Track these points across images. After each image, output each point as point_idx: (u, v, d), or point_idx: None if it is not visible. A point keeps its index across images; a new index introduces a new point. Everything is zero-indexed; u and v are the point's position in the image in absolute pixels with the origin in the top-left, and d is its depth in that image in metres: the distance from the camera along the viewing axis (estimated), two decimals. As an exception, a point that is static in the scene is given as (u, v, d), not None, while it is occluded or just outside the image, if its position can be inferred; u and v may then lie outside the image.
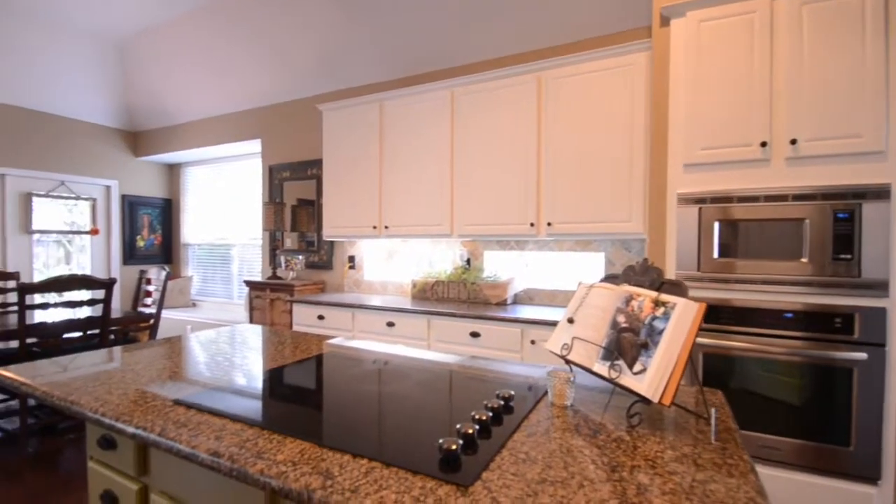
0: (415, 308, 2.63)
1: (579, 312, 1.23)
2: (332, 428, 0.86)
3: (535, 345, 2.36)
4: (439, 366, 1.34)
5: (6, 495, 2.17)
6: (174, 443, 0.80)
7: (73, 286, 2.70)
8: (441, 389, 1.12)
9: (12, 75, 3.83)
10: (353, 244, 3.57)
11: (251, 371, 1.26)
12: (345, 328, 2.87)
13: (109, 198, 4.77)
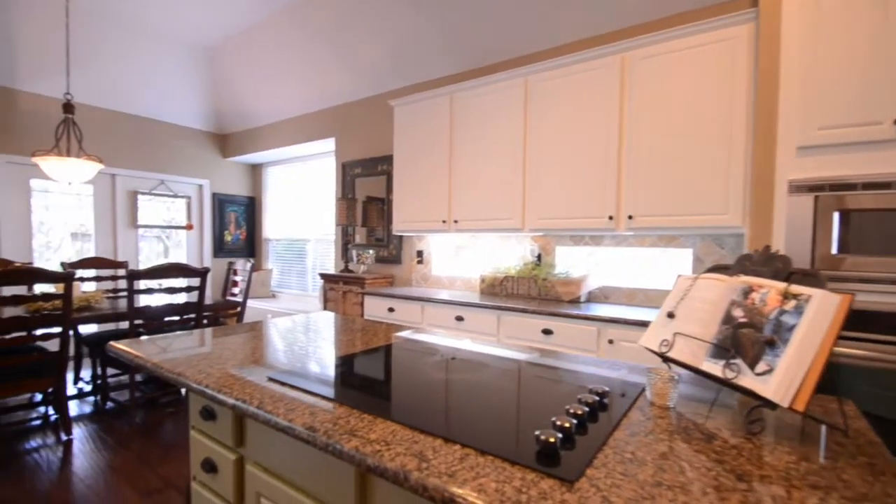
0: (484, 303, 2.59)
1: (682, 306, 1.12)
2: (421, 412, 0.84)
3: (613, 344, 2.22)
4: (517, 361, 1.29)
5: (119, 459, 2.44)
6: (272, 415, 0.82)
7: (172, 273, 2.98)
8: (525, 383, 1.07)
9: (122, 85, 4.32)
10: (421, 239, 3.61)
11: (335, 354, 1.29)
12: (414, 321, 2.90)
13: (202, 196, 5.24)
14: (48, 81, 3.94)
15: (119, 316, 2.87)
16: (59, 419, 2.80)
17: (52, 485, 2.16)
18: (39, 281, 2.45)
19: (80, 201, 4.40)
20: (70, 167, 2.92)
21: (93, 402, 3.25)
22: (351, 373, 1.11)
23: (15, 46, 3.65)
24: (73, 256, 4.35)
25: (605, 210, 2.47)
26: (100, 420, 2.94)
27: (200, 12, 3.84)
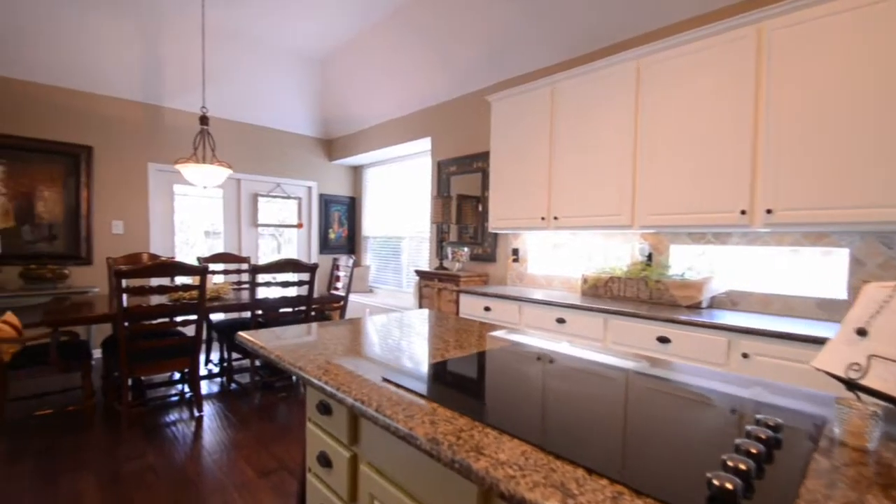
0: (589, 305, 2.40)
1: (878, 322, 0.87)
2: (552, 433, 0.74)
3: (747, 359, 1.91)
4: (647, 375, 1.12)
5: (240, 437, 2.69)
6: (391, 421, 0.79)
7: (286, 269, 3.23)
8: (665, 402, 0.91)
9: (246, 98, 4.82)
10: (517, 237, 3.49)
11: (444, 356, 1.24)
12: (511, 321, 2.79)
13: (311, 197, 5.67)
14: (187, 98, 4.54)
15: (242, 306, 3.19)
16: (192, 397, 3.20)
17: (186, 456, 2.45)
18: (180, 274, 2.80)
19: (212, 203, 5.01)
20: (205, 172, 3.31)
21: (220, 382, 3.67)
22: (464, 378, 1.04)
23: (162, 69, 4.25)
24: (205, 252, 4.96)
25: (735, 203, 2.14)
26: (225, 399, 3.30)
27: (313, 27, 4.12)
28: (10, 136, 3.81)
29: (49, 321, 2.55)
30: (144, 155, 4.45)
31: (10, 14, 3.42)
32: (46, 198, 4.00)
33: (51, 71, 3.88)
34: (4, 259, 3.72)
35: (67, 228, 4.09)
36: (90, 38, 3.78)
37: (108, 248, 4.28)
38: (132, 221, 4.42)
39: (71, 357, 2.78)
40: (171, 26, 3.94)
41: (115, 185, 4.32)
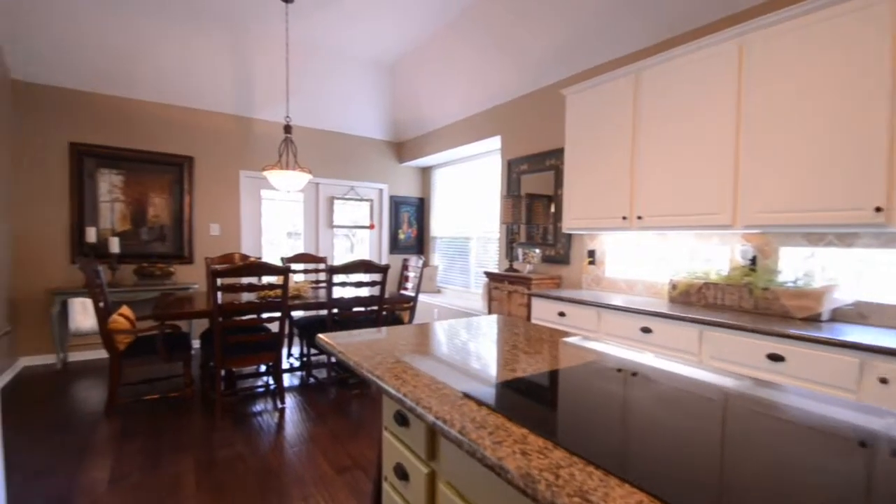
0: (682, 314, 2.16)
1: None
2: (669, 477, 0.63)
3: (886, 385, 1.59)
4: (797, 409, 0.94)
5: (318, 431, 2.80)
6: (478, 447, 0.72)
7: (360, 269, 3.32)
8: (819, 444, 0.75)
9: (324, 106, 5.05)
10: (593, 237, 3.27)
11: (527, 369, 1.15)
12: (588, 328, 2.62)
13: (382, 198, 5.82)
14: (273, 109, 4.86)
15: (320, 304, 3.32)
16: (276, 389, 3.40)
17: (270, 447, 2.59)
18: (265, 273, 2.97)
19: (294, 206, 5.32)
20: (288, 178, 3.50)
21: (300, 376, 3.87)
22: (553, 398, 0.95)
23: (252, 83, 4.58)
24: (287, 251, 5.28)
25: (868, 199, 1.80)
26: (304, 393, 3.47)
27: (383, 35, 4.22)
28: (128, 150, 4.32)
29: (156, 316, 2.83)
30: (236, 163, 4.83)
31: (125, 42, 3.87)
32: (156, 204, 4.49)
33: (159, 90, 4.34)
34: (122, 258, 4.23)
35: (173, 231, 4.56)
36: (191, 59, 4.17)
37: (206, 249, 4.70)
38: (226, 224, 4.82)
39: (174, 348, 3.08)
40: (259, 43, 4.23)
41: (212, 191, 4.73)
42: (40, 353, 4.06)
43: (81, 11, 3.56)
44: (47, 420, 2.88)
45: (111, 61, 3.98)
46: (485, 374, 1.10)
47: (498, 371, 1.14)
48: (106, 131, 4.24)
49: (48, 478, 2.20)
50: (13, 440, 2.57)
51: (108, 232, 4.26)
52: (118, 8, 3.64)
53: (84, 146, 4.15)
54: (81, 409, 3.06)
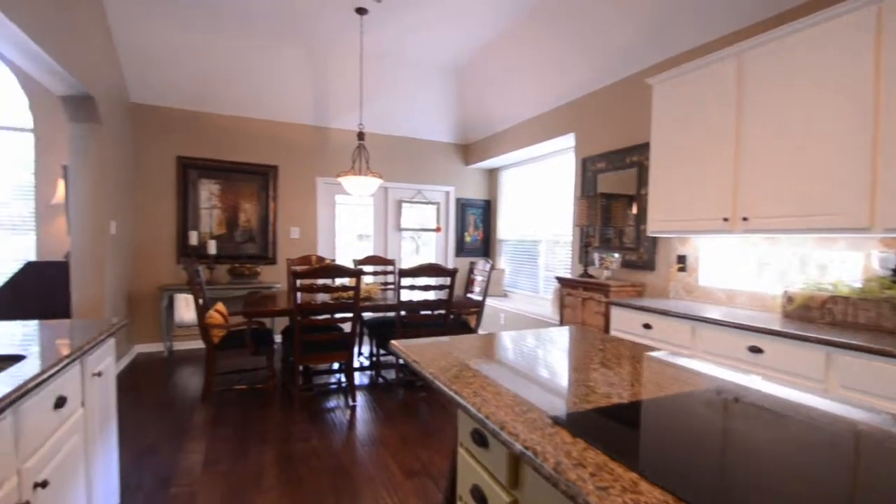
0: (805, 332, 1.85)
1: None
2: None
3: None
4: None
5: (387, 433, 2.81)
6: (579, 490, 0.62)
7: (429, 273, 3.30)
8: None
9: (394, 112, 5.15)
10: (684, 241, 2.96)
11: (622, 394, 1.02)
12: (679, 343, 2.35)
13: (448, 201, 5.82)
14: (347, 117, 5.05)
15: (389, 307, 3.36)
16: (347, 387, 3.49)
17: (342, 444, 2.64)
18: (339, 275, 3.06)
19: (364, 210, 5.49)
20: (361, 183, 3.60)
21: (369, 375, 3.95)
22: (662, 432, 0.81)
23: (328, 95, 4.80)
24: (358, 253, 5.46)
25: None
26: (373, 392, 3.53)
27: (451, 38, 4.21)
28: (223, 161, 4.72)
29: (245, 313, 3.03)
30: (314, 170, 5.09)
31: (221, 65, 4.22)
32: (247, 209, 4.86)
33: (249, 106, 4.70)
34: (218, 258, 4.62)
35: (260, 234, 4.91)
36: (276, 76, 4.46)
37: (287, 250, 5.00)
38: (305, 227, 5.09)
39: (260, 343, 3.27)
40: (334, 56, 4.42)
41: (293, 196, 5.03)
42: (152, 342, 4.55)
43: (185, 40, 3.94)
44: (155, 402, 3.20)
45: (210, 83, 4.38)
46: (573, 396, 0.99)
47: (589, 393, 1.01)
48: (206, 145, 4.67)
49: (153, 457, 2.43)
50: (127, 419, 2.88)
51: (207, 235, 4.68)
52: (216, 36, 3.99)
53: (188, 159, 4.60)
54: (183, 394, 3.37)
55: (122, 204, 4.02)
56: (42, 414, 1.14)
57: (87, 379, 1.48)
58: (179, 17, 3.82)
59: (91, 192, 3.46)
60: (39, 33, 2.55)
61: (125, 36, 3.84)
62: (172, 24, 3.86)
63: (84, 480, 1.44)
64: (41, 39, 2.57)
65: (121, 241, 4.01)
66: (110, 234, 3.68)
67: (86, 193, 3.44)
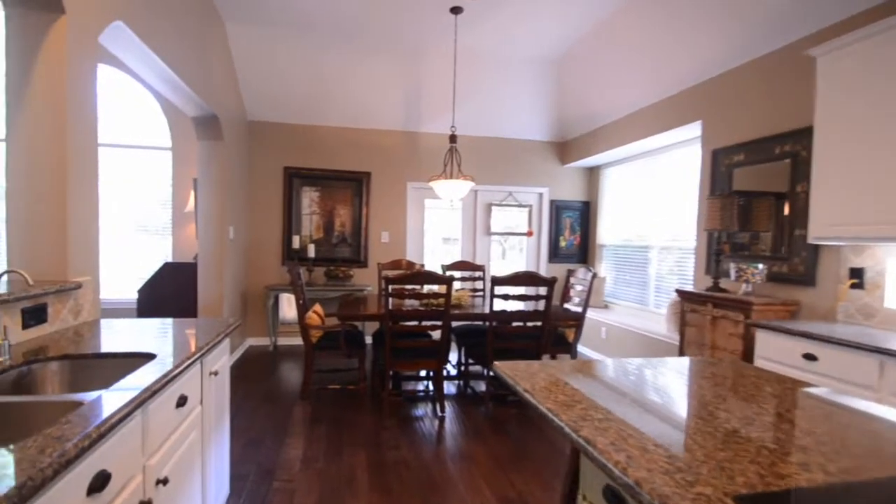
0: None
1: None
2: None
3: None
4: None
5: (477, 450, 2.64)
6: None
7: (525, 281, 3.08)
8: None
9: (483, 112, 5.00)
10: (859, 251, 2.33)
11: (826, 466, 0.73)
12: (860, 383, 1.82)
13: (541, 203, 5.52)
14: (438, 121, 5.03)
15: (481, 316, 3.20)
16: (436, 395, 3.40)
17: (431, 457, 2.52)
18: (431, 282, 2.98)
19: (452, 214, 5.43)
20: (452, 186, 3.50)
21: (457, 385, 3.83)
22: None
23: (419, 100, 4.82)
24: (444, 258, 5.41)
25: None
26: (461, 403, 3.39)
27: (547, 30, 3.95)
28: (321, 170, 4.99)
29: (340, 315, 3.09)
30: (404, 175, 5.16)
31: (323, 80, 4.46)
32: (342, 214, 5.07)
33: (346, 116, 4.91)
34: (316, 261, 4.88)
35: (353, 238, 5.10)
36: (371, 85, 4.59)
37: (378, 254, 5.12)
38: (394, 231, 5.18)
39: (352, 345, 3.33)
40: (426, 60, 4.41)
41: (384, 201, 5.14)
42: (260, 336, 4.94)
43: (294, 61, 4.22)
44: (261, 394, 3.41)
45: (315, 98, 4.66)
46: (754, 464, 0.73)
47: (776, 462, 0.74)
48: (308, 155, 4.97)
49: (259, 448, 2.55)
50: (237, 408, 3.09)
51: (307, 239, 4.97)
52: (321, 55, 4.24)
53: (293, 168, 4.94)
54: (284, 389, 3.56)
55: (238, 211, 4.42)
56: (165, 413, 1.16)
57: (205, 378, 1.53)
58: (291, 39, 4.10)
59: (214, 201, 3.83)
60: (179, 65, 2.86)
61: (244, 62, 4.23)
62: (284, 46, 4.16)
63: (199, 475, 1.49)
64: (180, 71, 2.88)
65: (237, 245, 4.40)
66: (229, 239, 4.04)
67: (210, 202, 3.81)
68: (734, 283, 2.91)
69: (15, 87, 1.63)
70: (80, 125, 1.75)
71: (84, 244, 1.76)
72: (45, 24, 1.67)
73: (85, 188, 1.78)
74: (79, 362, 1.28)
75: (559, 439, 2.78)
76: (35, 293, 1.39)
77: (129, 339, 1.51)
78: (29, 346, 1.36)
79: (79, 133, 1.74)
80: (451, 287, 2.99)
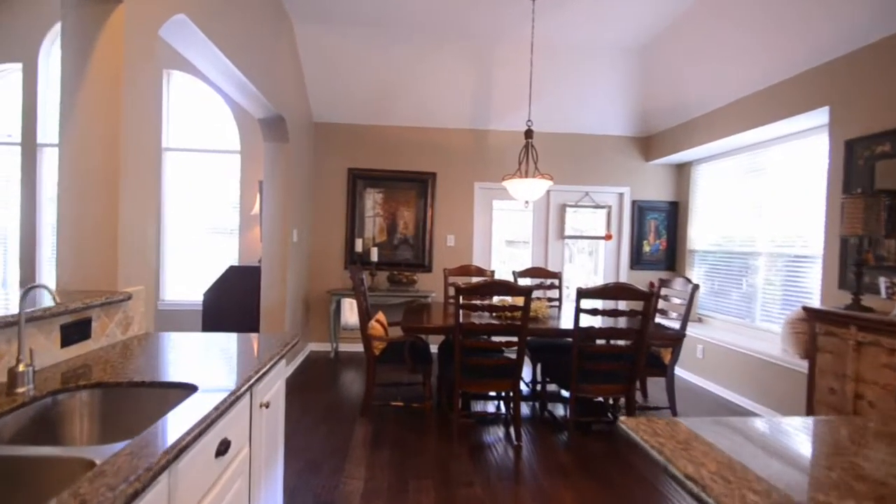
0: None
1: None
2: None
3: None
4: None
5: (564, 492, 2.24)
6: None
7: (616, 294, 2.64)
8: None
9: (558, 106, 4.56)
10: None
11: None
12: None
13: (621, 204, 4.96)
14: (509, 118, 4.67)
15: (565, 332, 2.80)
16: (511, 419, 3.04)
17: (510, 498, 2.17)
18: (507, 293, 2.62)
19: (519, 216, 5.02)
20: (528, 186, 3.13)
21: (531, 406, 3.43)
22: None
23: (489, 96, 4.48)
24: (509, 262, 5.02)
25: None
26: (538, 429, 2.99)
27: (632, 15, 3.49)
28: (385, 171, 4.81)
29: (404, 327, 2.83)
30: (471, 175, 4.85)
31: (388, 79, 4.26)
32: (405, 217, 4.87)
33: (410, 115, 4.70)
34: (378, 265, 4.70)
35: (416, 241, 4.87)
36: (438, 82, 4.34)
37: (442, 258, 4.85)
38: (460, 235, 4.88)
39: (418, 360, 3.07)
40: (499, 52, 4.08)
41: (450, 203, 4.86)
42: (322, 342, 4.86)
43: (360, 60, 4.07)
44: (320, 408, 3.24)
45: (380, 98, 4.51)
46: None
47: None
48: (372, 156, 4.82)
49: (316, 475, 2.33)
50: (297, 424, 2.93)
51: (370, 242, 4.82)
52: (387, 52, 4.07)
53: (357, 170, 4.81)
54: (344, 402, 3.37)
55: (302, 214, 4.34)
56: (201, 467, 0.93)
57: (255, 411, 1.30)
58: (357, 37, 3.96)
59: (278, 204, 3.75)
60: (245, 65, 2.77)
61: (311, 63, 4.16)
62: (350, 46, 4.02)
63: (245, 523, 1.26)
64: (246, 70, 2.79)
65: (300, 248, 4.32)
66: (292, 242, 3.96)
67: (274, 204, 3.74)
68: (884, 302, 2.28)
69: (69, 87, 1.52)
70: (137, 125, 1.62)
71: (138, 252, 1.62)
72: (101, 15, 1.55)
73: (141, 192, 1.64)
74: (112, 391, 1.09)
75: (661, 481, 2.31)
76: (76, 307, 1.23)
77: (176, 359, 1.32)
78: (68, 365, 1.20)
79: (135, 133, 1.60)
80: (530, 300, 2.62)
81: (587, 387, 2.77)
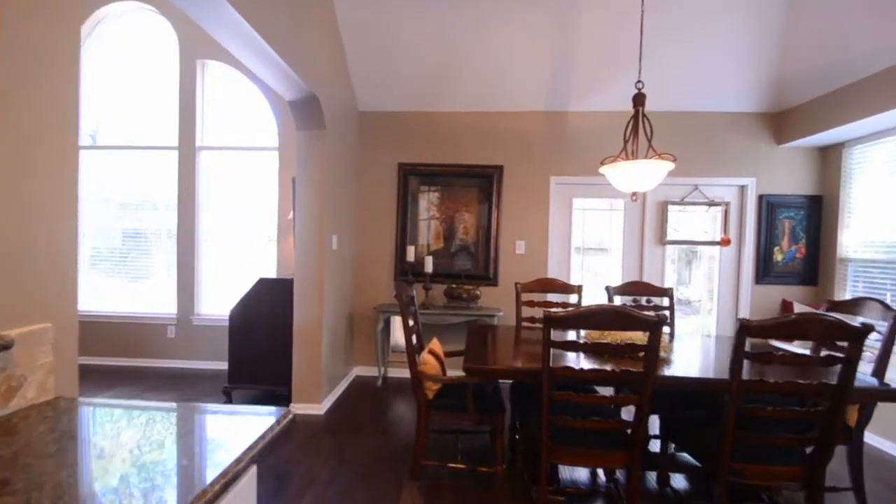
0: None
1: None
2: None
3: None
4: None
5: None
6: None
7: (804, 329, 1.67)
8: None
9: (659, 79, 3.57)
10: None
11: None
12: None
13: (743, 200, 3.86)
14: (596, 97, 3.77)
15: (717, 384, 1.87)
16: (621, 498, 2.14)
17: None
18: (624, 327, 1.75)
19: (607, 216, 4.07)
20: (641, 171, 2.23)
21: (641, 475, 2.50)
22: None
23: (570, 69, 3.61)
24: (585, 274, 4.07)
25: None
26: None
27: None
28: (442, 165, 4.08)
29: (468, 369, 2.04)
30: (546, 168, 3.99)
31: (444, 55, 3.52)
32: (465, 219, 4.10)
33: (472, 98, 3.93)
34: (434, 278, 3.96)
35: (479, 249, 4.08)
36: (506, 55, 3.54)
37: (510, 269, 4.02)
38: (532, 241, 4.03)
39: (485, 409, 2.27)
40: (584, 14, 3.21)
41: (519, 202, 4.03)
42: (368, 365, 4.19)
43: (411, 34, 3.38)
44: (361, 460, 2.53)
45: (435, 78, 3.79)
46: None
47: None
48: (427, 148, 4.11)
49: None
50: (331, 480, 2.23)
51: (424, 250, 4.10)
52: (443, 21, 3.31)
53: (409, 165, 4.12)
54: (391, 452, 2.63)
55: (344, 217, 3.71)
56: None
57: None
58: (408, 9, 3.26)
59: (314, 203, 3.13)
60: (266, 27, 2.15)
61: (355, 43, 3.52)
62: (400, 19, 3.34)
63: None
64: (267, 34, 2.17)
65: (342, 257, 3.69)
66: (331, 250, 3.32)
67: (309, 203, 3.12)
68: None
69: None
70: (21, 95, 0.97)
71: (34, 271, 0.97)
72: None
73: (35, 187, 0.99)
74: None
75: None
76: None
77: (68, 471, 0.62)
78: None
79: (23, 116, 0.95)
80: (660, 335, 1.73)
81: (746, 468, 1.81)
